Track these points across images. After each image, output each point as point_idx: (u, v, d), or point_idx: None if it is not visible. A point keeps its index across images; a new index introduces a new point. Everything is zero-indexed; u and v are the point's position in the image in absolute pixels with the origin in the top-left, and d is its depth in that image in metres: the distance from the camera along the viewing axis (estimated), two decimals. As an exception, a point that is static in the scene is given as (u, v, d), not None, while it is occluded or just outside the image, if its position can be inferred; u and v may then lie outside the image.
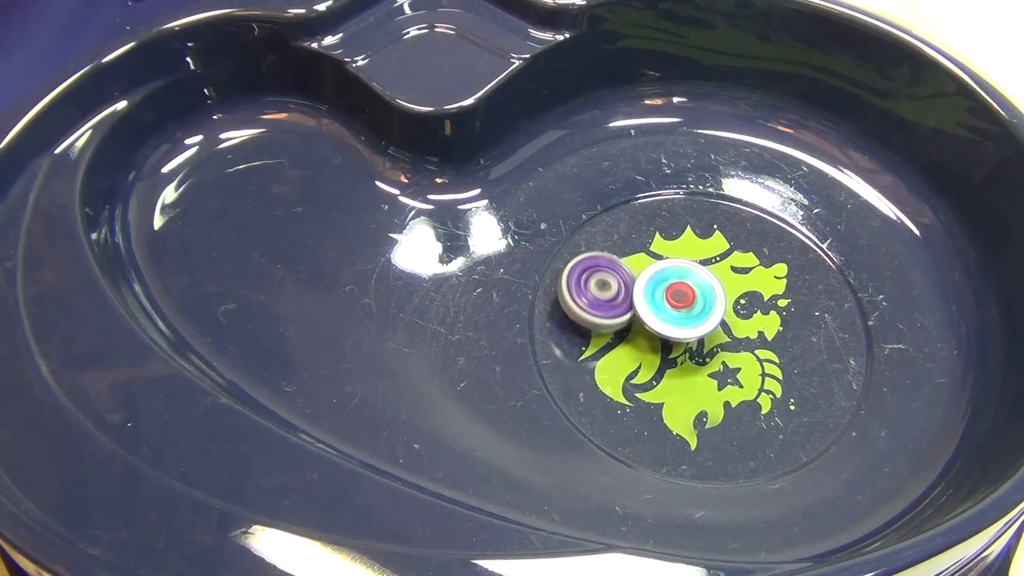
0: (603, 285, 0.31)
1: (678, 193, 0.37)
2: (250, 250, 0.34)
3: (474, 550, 0.27)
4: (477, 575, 0.26)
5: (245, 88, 0.37)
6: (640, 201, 0.37)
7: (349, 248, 0.35)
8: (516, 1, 0.37)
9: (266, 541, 0.26)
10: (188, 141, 0.37)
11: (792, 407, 0.32)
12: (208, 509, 0.26)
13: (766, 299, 0.34)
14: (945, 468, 0.30)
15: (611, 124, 0.39)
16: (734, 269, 0.35)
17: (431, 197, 0.36)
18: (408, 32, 0.37)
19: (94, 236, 0.33)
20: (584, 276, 0.32)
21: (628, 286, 0.32)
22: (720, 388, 0.32)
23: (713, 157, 0.38)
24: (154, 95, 0.36)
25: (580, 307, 0.32)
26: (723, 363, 0.33)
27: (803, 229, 0.36)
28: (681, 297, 0.32)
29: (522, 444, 0.31)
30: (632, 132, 0.39)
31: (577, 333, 0.33)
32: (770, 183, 0.38)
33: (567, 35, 0.37)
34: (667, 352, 0.33)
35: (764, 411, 0.32)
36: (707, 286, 0.33)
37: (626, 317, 0.32)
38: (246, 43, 0.36)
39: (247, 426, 0.29)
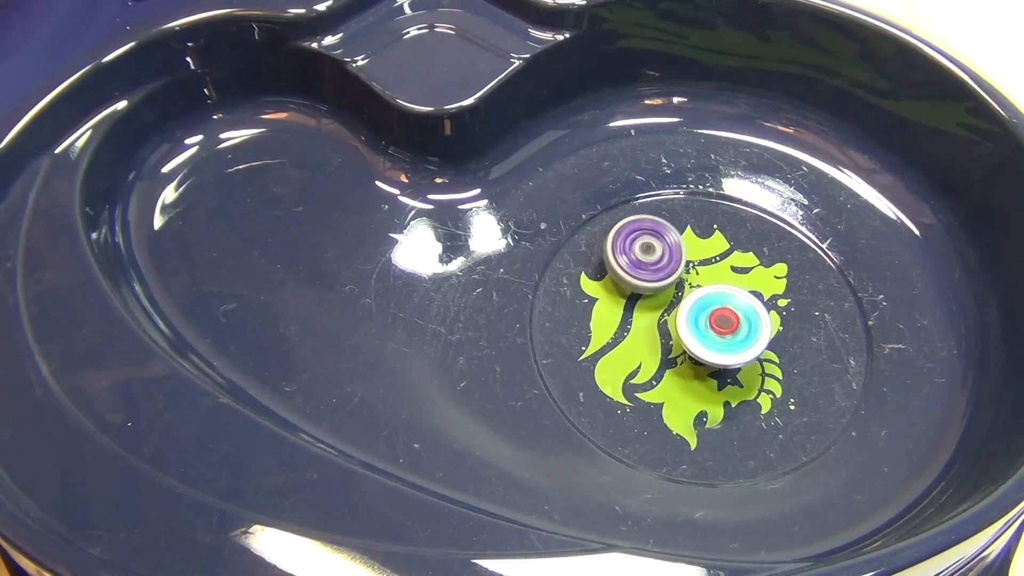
0: (648, 248, 0.31)
1: (678, 193, 0.37)
2: (250, 250, 0.34)
3: (474, 550, 0.27)
4: (477, 575, 0.26)
5: (245, 88, 0.37)
6: (640, 201, 0.37)
7: (349, 248, 0.35)
8: (516, 1, 0.37)
9: (266, 541, 0.26)
10: (188, 141, 0.37)
11: (792, 407, 0.32)
12: (208, 509, 0.26)
13: (766, 299, 0.34)
14: (945, 468, 0.30)
15: (611, 124, 0.39)
16: (734, 269, 0.35)
17: (431, 197, 0.36)
18: (408, 32, 0.37)
19: (94, 236, 0.33)
20: (629, 239, 0.31)
21: (673, 250, 0.32)
22: (720, 388, 0.32)
23: (713, 157, 0.38)
24: (154, 95, 0.36)
25: (622, 268, 0.31)
26: (723, 363, 0.33)
27: (803, 229, 0.36)
28: (725, 323, 0.32)
29: (522, 444, 0.31)
30: (632, 132, 0.39)
31: (577, 333, 0.33)
32: (770, 183, 0.38)
33: (567, 35, 0.37)
34: (667, 352, 0.33)
35: (764, 411, 0.32)
36: (749, 309, 0.32)
37: (671, 279, 0.32)
38: (246, 43, 0.36)
39: (247, 426, 0.29)
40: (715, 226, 0.36)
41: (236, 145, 0.37)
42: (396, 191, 0.36)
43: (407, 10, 0.38)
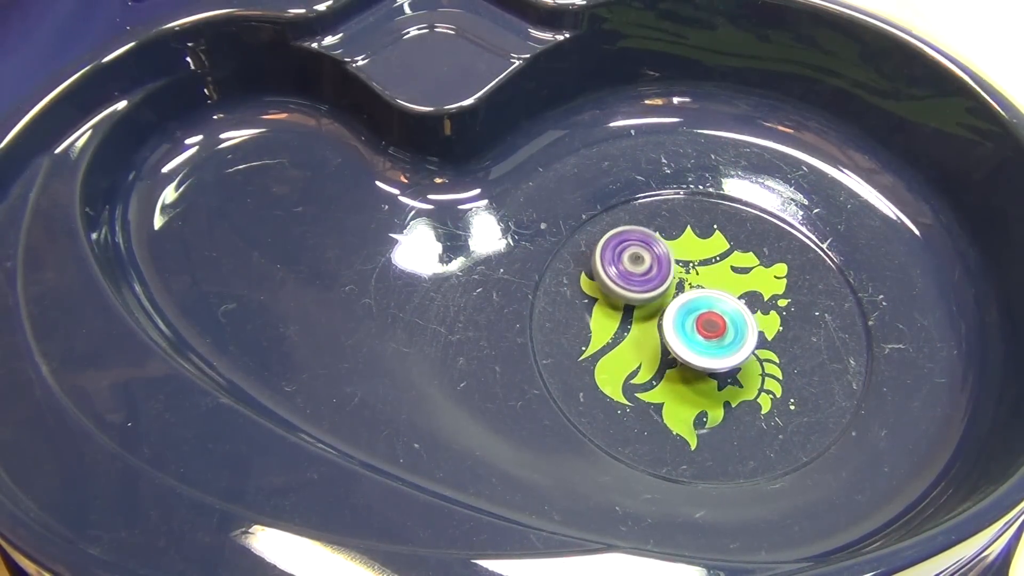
0: (636, 259, 0.31)
1: (678, 193, 0.37)
2: (250, 250, 0.34)
3: (474, 550, 0.27)
4: (477, 575, 0.26)
5: (245, 88, 0.37)
6: (640, 201, 0.37)
7: (349, 248, 0.35)
8: (516, 1, 0.37)
9: (266, 541, 0.26)
10: (188, 141, 0.37)
11: (792, 407, 0.32)
12: (208, 509, 0.26)
13: (766, 299, 0.34)
14: (945, 468, 0.30)
15: (611, 124, 0.39)
16: (734, 269, 0.35)
17: (431, 197, 0.36)
18: (408, 32, 0.37)
19: (94, 236, 0.33)
20: (618, 249, 0.31)
21: (662, 260, 0.32)
22: (720, 388, 0.32)
23: (713, 157, 0.38)
24: (154, 95, 0.36)
25: (611, 280, 0.31)
26: (723, 363, 0.33)
27: (803, 229, 0.36)
28: (712, 327, 0.32)
29: (522, 444, 0.31)
30: (632, 132, 0.39)
31: (577, 333, 0.33)
32: (770, 183, 0.38)
33: (567, 35, 0.37)
34: (667, 352, 0.33)
35: (764, 411, 0.32)
36: (736, 314, 0.32)
37: (660, 291, 0.32)
38: (246, 43, 0.36)
39: (247, 426, 0.29)
40: (715, 226, 0.36)
41: (236, 145, 0.37)
42: (396, 191, 0.36)
43: (407, 10, 0.38)
